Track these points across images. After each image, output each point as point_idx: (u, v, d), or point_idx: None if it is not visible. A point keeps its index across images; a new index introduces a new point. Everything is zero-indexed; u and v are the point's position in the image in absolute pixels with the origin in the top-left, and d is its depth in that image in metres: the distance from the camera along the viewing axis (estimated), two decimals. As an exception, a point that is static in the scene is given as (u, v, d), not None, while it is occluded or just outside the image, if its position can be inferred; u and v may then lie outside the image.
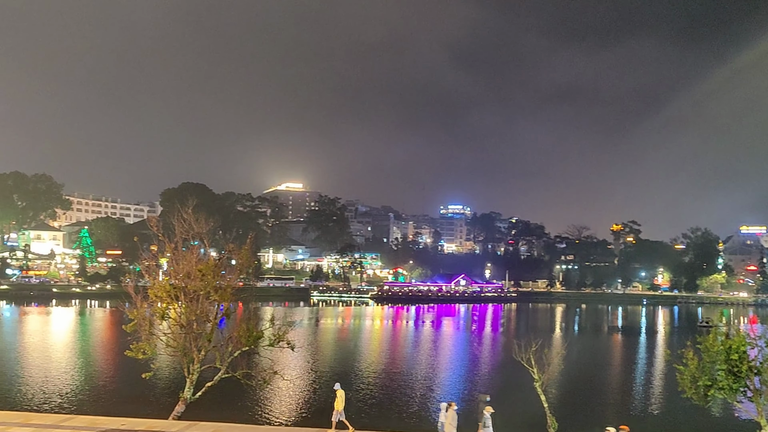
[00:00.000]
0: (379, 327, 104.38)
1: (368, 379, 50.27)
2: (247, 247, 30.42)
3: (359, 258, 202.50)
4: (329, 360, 62.06)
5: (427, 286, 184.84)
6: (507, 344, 68.94)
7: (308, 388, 45.80)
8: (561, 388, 44.59)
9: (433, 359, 64.37)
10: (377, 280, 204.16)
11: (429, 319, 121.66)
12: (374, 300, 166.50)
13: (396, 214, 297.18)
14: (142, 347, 27.43)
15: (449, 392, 46.22)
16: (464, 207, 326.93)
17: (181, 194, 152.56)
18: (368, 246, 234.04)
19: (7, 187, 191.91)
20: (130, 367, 38.67)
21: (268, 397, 40.54)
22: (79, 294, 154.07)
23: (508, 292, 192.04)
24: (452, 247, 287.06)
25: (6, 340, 73.62)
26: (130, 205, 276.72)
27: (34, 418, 27.64)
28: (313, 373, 52.44)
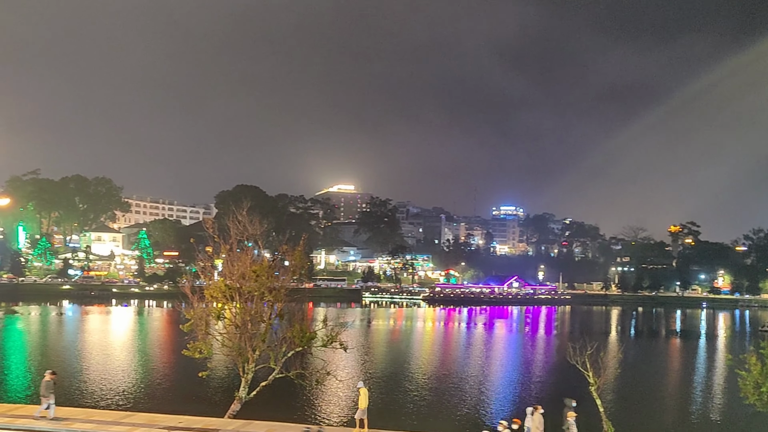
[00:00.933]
0: (430, 329, 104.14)
1: (419, 381, 50.20)
2: (300, 249, 30.71)
3: (410, 259, 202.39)
4: (381, 361, 62.13)
5: (480, 288, 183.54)
6: (561, 347, 67.87)
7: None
8: (617, 392, 43.75)
9: (485, 362, 63.91)
10: (429, 281, 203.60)
11: (481, 321, 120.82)
12: (426, 302, 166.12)
13: (447, 215, 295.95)
14: (199, 346, 27.93)
15: (502, 395, 45.82)
16: (517, 208, 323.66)
17: (235, 196, 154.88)
18: (419, 247, 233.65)
19: (69, 190, 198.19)
20: (187, 365, 39.44)
21: (321, 397, 40.85)
22: (138, 294, 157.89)
23: (562, 295, 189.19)
24: (505, 248, 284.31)
25: (68, 339, 76.01)
26: (186, 207, 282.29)
27: (96, 414, 28.41)
28: (366, 374, 52.56)
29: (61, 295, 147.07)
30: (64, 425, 25.43)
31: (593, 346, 28.52)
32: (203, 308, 28.67)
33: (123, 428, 25.22)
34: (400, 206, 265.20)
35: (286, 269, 30.69)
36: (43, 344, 71.87)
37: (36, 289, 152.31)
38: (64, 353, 63.60)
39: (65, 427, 25.29)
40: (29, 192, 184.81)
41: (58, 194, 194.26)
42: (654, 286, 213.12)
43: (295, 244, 31.47)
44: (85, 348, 66.94)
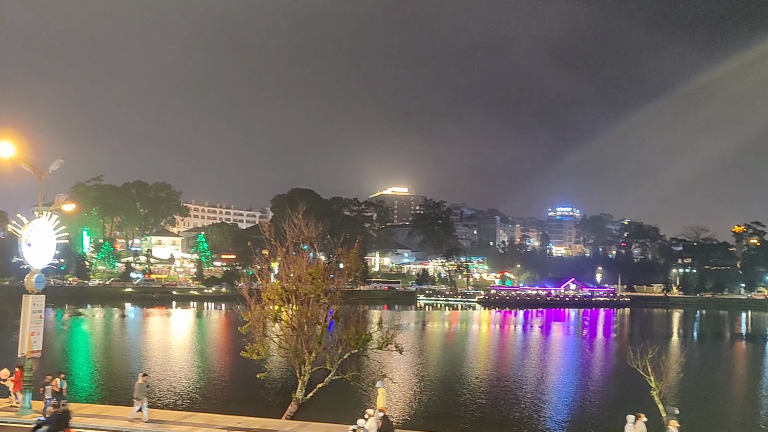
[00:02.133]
0: (486, 331, 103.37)
1: (474, 385, 49.85)
2: (354, 251, 30.87)
3: (465, 261, 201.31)
4: (437, 364, 61.92)
5: (536, 290, 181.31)
6: (621, 350, 66.50)
7: (417, 391, 45.87)
8: (680, 397, 42.57)
9: (541, 365, 63.06)
10: (484, 283, 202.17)
11: (537, 323, 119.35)
12: (481, 304, 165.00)
13: (502, 217, 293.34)
14: (257, 348, 28.31)
15: (559, 400, 45.15)
16: (573, 209, 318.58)
17: (290, 200, 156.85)
18: (474, 249, 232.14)
19: (131, 196, 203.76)
20: (245, 367, 40.03)
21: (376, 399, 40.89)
22: (197, 296, 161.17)
23: (620, 297, 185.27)
24: (561, 250, 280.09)
25: (131, 340, 78.10)
26: (242, 211, 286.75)
27: (157, 414, 29.08)
28: (421, 376, 52.47)
29: (124, 298, 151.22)
30: (126, 424, 26.12)
31: (654, 350, 27.79)
32: (260, 310, 29.04)
33: (184, 428, 25.77)
34: (455, 208, 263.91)
35: (341, 272, 30.88)
36: (107, 345, 74.04)
37: (100, 292, 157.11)
38: (127, 354, 65.39)
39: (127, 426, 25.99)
40: (93, 197, 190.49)
41: (120, 199, 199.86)
42: (717, 288, 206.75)
43: (349, 246, 31.64)
44: (147, 349, 68.66)
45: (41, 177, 27.81)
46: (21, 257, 27.76)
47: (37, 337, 27.28)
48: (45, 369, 29.96)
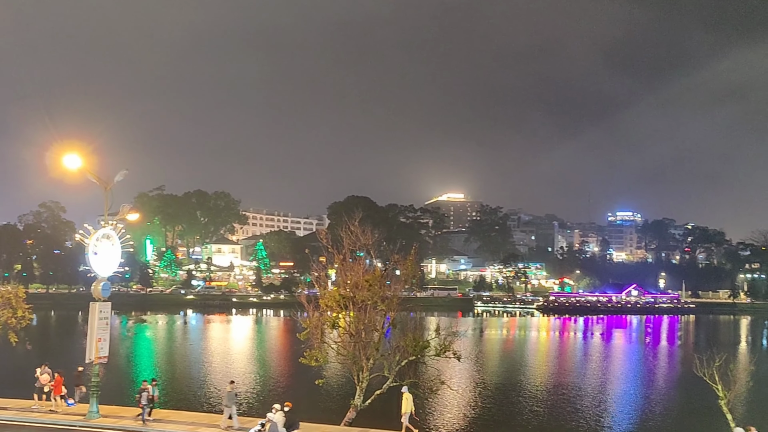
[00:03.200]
0: (545, 338, 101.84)
1: (532, 393, 49.12)
2: (411, 258, 30.84)
3: (523, 268, 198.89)
4: (495, 371, 61.31)
5: (596, 297, 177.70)
6: (686, 358, 64.63)
7: (475, 399, 45.50)
8: (749, 406, 41.08)
9: (603, 373, 61.72)
10: (542, 290, 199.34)
11: (598, 330, 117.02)
12: (540, 311, 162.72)
13: (560, 222, 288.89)
14: (315, 355, 28.51)
15: (621, 410, 44.11)
16: (634, 213, 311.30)
17: (347, 207, 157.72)
18: (532, 255, 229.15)
19: (191, 205, 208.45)
20: (303, 373, 40.37)
21: (435, 406, 40.72)
22: (256, 303, 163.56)
23: (685, 303, 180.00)
24: (622, 255, 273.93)
25: (192, 346, 79.72)
26: (300, 219, 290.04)
27: (219, 420, 29.56)
28: (479, 384, 52.03)
29: (185, 305, 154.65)
30: (189, 429, 26.61)
31: (721, 358, 26.85)
32: (318, 317, 29.25)
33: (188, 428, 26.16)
34: (511, 214, 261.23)
35: (398, 278, 30.88)
36: (170, 352, 75.74)
37: (162, 299, 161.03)
38: (189, 360, 66.76)
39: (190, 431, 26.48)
40: (155, 207, 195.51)
41: (181, 208, 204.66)
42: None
43: (405, 253, 31.62)
44: (208, 355, 69.96)
45: (107, 188, 28.67)
46: (88, 265, 28.61)
47: (104, 344, 28.10)
48: (139, 375, 30.92)
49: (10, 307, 35.75)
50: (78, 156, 27.20)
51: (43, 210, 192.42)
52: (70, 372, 31.11)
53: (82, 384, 30.58)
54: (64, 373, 30.33)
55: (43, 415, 28.53)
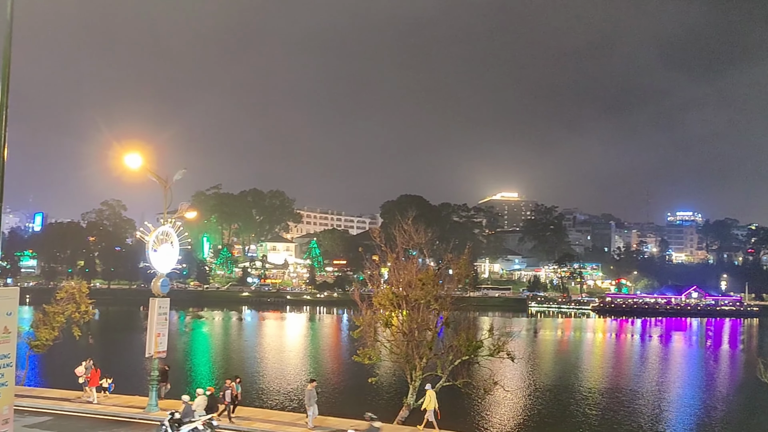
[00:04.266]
0: (601, 340, 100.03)
1: (587, 396, 48.29)
2: (464, 258, 30.68)
3: (578, 268, 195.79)
4: (549, 372, 60.50)
5: (654, 298, 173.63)
6: (749, 363, 62.59)
7: (527, 400, 45.02)
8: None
9: (661, 377, 60.26)
10: (598, 291, 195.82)
11: (656, 333, 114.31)
12: (595, 312, 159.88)
13: (617, 222, 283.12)
14: (368, 353, 28.61)
15: (680, 414, 43.02)
16: (694, 213, 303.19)
17: (400, 206, 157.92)
18: (588, 256, 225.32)
19: (247, 203, 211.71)
20: (356, 371, 40.60)
21: (488, 407, 40.44)
22: (309, 301, 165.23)
23: (748, 306, 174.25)
24: (681, 256, 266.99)
25: (248, 342, 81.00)
26: (353, 218, 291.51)
27: (274, 415, 29.97)
28: (533, 385, 51.44)
29: (241, 302, 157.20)
30: (245, 424, 27.00)
31: (788, 363, 25.92)
32: (371, 315, 29.35)
33: (298, 429, 26.38)
34: (567, 213, 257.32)
35: (451, 278, 30.75)
36: (226, 347, 77.11)
37: (218, 296, 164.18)
38: (244, 356, 67.82)
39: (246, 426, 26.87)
40: (212, 205, 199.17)
41: (237, 207, 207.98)
42: None
43: (459, 252, 31.49)
44: (263, 351, 70.96)
45: (166, 186, 29.31)
46: (148, 262, 29.29)
47: (163, 339, 28.73)
48: (224, 374, 31.58)
49: (74, 301, 36.87)
50: (139, 155, 27.86)
51: (105, 208, 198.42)
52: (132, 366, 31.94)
53: (167, 381, 31.04)
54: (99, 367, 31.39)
55: (105, 407, 29.36)
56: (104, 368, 32.37)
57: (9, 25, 12.81)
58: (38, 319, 37.00)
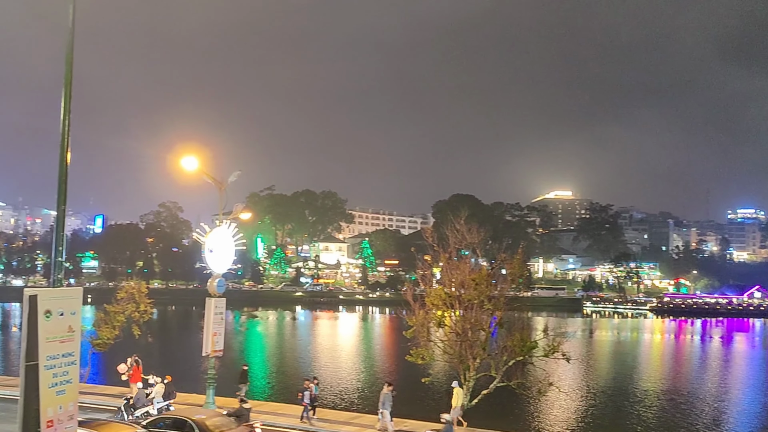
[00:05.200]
0: (659, 341, 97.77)
1: (644, 398, 47.22)
2: (518, 257, 30.37)
3: (635, 267, 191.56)
4: (605, 373, 59.43)
5: (714, 299, 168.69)
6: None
7: (584, 401, 44.29)
8: None
9: (722, 380, 58.52)
10: (656, 290, 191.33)
11: (717, 334, 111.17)
12: (653, 312, 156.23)
13: (676, 220, 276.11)
14: (421, 353, 28.56)
15: (743, 420, 41.70)
16: (757, 211, 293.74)
17: (451, 206, 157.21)
18: (645, 255, 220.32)
19: (300, 204, 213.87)
20: (409, 370, 40.60)
21: (543, 408, 39.93)
22: (362, 301, 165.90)
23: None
24: (743, 255, 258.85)
25: (301, 342, 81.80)
26: (405, 218, 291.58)
27: (328, 414, 30.20)
28: (589, 386, 50.58)
29: (294, 302, 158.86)
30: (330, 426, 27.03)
31: None
32: (424, 315, 29.28)
33: (353, 428, 26.54)
34: (623, 211, 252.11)
35: (505, 278, 30.46)
36: (280, 346, 78.05)
37: (272, 296, 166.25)
38: (298, 355, 68.51)
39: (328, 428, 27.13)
40: (266, 206, 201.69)
41: (290, 208, 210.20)
42: None
43: (512, 252, 31.16)
44: (316, 351, 71.56)
45: (221, 188, 29.81)
46: (204, 263, 29.82)
47: (219, 338, 29.21)
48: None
49: (134, 301, 37.86)
50: (195, 158, 28.38)
51: (163, 210, 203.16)
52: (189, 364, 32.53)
53: (246, 381, 31.37)
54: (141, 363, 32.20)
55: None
56: (162, 366, 33.13)
57: (71, 32, 13.21)
58: (100, 319, 38.12)
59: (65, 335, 12.82)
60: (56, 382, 12.61)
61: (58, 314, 12.64)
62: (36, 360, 12.25)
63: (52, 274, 13.47)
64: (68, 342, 12.90)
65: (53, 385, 12.53)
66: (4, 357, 64.09)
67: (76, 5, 13.25)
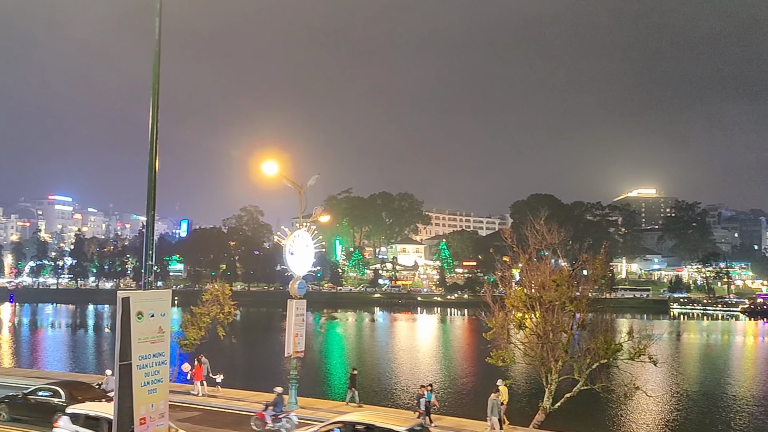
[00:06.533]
0: (752, 344, 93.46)
1: (736, 403, 45.23)
2: (600, 258, 29.64)
3: (725, 267, 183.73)
4: (695, 377, 57.29)
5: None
6: None
7: (672, 405, 42.82)
8: None
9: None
10: (748, 291, 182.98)
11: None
12: (745, 314, 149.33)
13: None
14: (502, 355, 28.24)
15: None
16: None
17: (530, 206, 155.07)
18: (735, 254, 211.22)
19: (377, 206, 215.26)
20: (489, 373, 40.18)
21: (629, 412, 38.84)
22: (440, 302, 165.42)
23: None
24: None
25: (381, 343, 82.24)
26: (482, 219, 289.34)
27: (407, 415, 30.18)
28: (677, 390, 48.88)
29: (373, 303, 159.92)
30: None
31: None
32: (504, 317, 28.94)
33: (434, 430, 26.43)
34: (710, 209, 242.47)
35: (586, 279, 29.78)
36: (359, 347, 78.69)
37: (351, 297, 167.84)
38: (377, 356, 68.91)
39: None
40: (343, 209, 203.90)
41: (367, 210, 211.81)
42: None
43: (593, 252, 30.45)
44: (395, 352, 71.81)
45: (301, 192, 30.32)
46: (285, 265, 30.37)
47: (301, 339, 29.70)
48: (416, 380, 32.41)
49: (218, 303, 38.93)
50: (275, 162, 28.96)
51: (244, 214, 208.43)
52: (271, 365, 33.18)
53: (355, 386, 31.22)
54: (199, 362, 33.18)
55: (248, 404, 30.70)
56: (246, 366, 33.96)
57: (157, 43, 13.72)
58: (186, 320, 39.38)
59: (156, 336, 13.31)
60: (148, 381, 13.11)
61: (149, 316, 13.14)
62: (129, 360, 12.77)
63: (143, 277, 14.00)
64: (159, 342, 13.39)
65: (145, 384, 13.03)
66: (97, 357, 67.06)
67: (162, 18, 13.76)
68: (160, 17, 13.69)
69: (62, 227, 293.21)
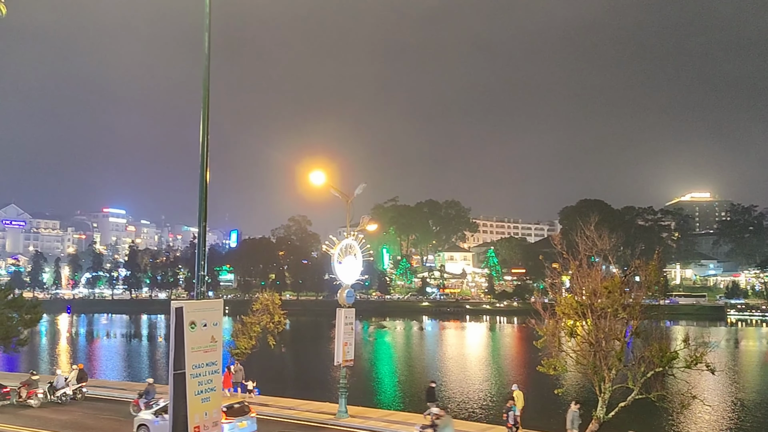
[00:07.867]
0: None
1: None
2: (653, 263, 28.97)
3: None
4: (754, 386, 55.53)
5: None
6: None
7: (731, 415, 41.56)
8: None
9: None
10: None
11: None
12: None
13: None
14: (553, 363, 27.81)
15: None
16: None
17: (579, 211, 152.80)
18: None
19: (423, 214, 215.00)
20: (541, 381, 39.70)
21: (686, 422, 37.85)
22: (489, 310, 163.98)
23: None
24: None
25: (429, 351, 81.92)
26: (530, 225, 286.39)
27: (460, 425, 29.99)
28: (736, 399, 47.43)
29: (421, 311, 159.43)
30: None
31: None
32: (554, 325, 28.50)
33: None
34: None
35: (639, 285, 29.14)
36: (408, 356, 78.50)
37: (399, 306, 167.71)
38: (425, 364, 68.64)
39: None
40: (390, 217, 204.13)
41: (414, 218, 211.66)
42: None
43: (646, 258, 29.80)
44: (444, 360, 71.42)
45: (348, 201, 30.50)
46: (333, 274, 30.57)
47: (350, 348, 29.81)
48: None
49: (268, 312, 39.37)
50: (322, 172, 29.21)
51: (292, 224, 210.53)
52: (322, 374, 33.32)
53: (435, 399, 31.14)
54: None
55: (299, 412, 30.93)
56: (296, 375, 34.18)
57: (207, 57, 14.00)
58: (237, 329, 39.91)
59: (208, 345, 13.52)
60: (201, 389, 13.31)
61: (201, 325, 13.35)
62: (183, 369, 12.99)
63: (195, 287, 14.24)
64: (211, 351, 13.60)
65: (198, 393, 13.23)
66: (151, 365, 68.40)
67: (211, 33, 14.04)
68: (209, 32, 13.97)
69: (116, 239, 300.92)
